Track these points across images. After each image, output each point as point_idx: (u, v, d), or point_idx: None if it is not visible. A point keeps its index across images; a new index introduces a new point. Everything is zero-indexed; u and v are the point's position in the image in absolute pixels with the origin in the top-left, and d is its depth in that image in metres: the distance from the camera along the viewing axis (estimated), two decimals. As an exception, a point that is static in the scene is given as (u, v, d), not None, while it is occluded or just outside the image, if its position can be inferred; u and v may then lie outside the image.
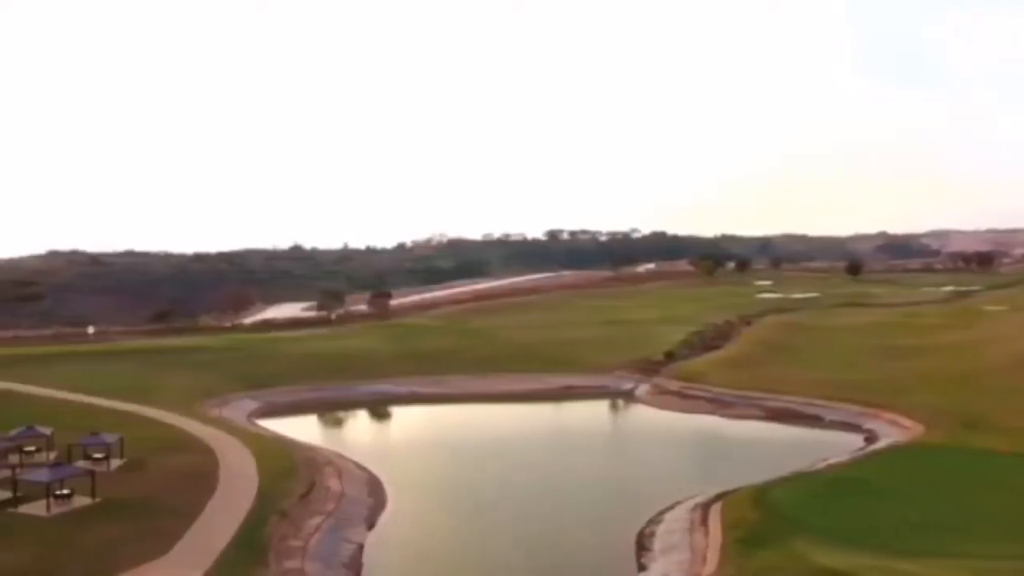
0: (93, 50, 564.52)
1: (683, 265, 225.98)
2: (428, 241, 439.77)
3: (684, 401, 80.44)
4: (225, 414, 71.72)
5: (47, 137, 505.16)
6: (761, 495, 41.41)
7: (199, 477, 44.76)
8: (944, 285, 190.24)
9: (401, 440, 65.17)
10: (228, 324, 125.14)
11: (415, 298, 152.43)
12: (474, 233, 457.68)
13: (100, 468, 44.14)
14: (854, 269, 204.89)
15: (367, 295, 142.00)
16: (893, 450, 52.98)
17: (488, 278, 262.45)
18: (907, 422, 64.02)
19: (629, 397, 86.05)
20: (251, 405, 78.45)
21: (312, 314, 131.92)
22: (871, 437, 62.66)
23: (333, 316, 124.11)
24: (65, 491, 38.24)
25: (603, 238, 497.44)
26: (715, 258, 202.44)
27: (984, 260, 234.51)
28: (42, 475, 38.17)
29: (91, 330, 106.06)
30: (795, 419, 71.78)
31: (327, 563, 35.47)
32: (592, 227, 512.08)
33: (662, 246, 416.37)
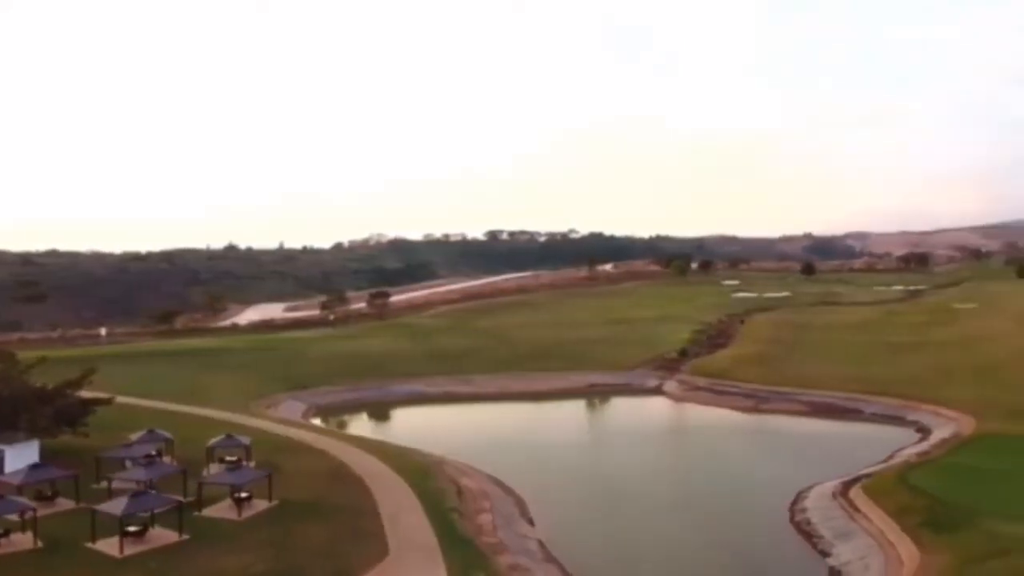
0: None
1: (640, 265, 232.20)
2: (367, 241, 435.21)
3: (719, 397, 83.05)
4: (282, 415, 70.81)
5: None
6: (900, 480, 44.09)
7: (341, 478, 44.51)
8: (893, 284, 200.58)
9: (480, 439, 65.23)
10: (229, 324, 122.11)
11: (403, 297, 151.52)
12: (413, 233, 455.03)
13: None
14: (809, 269, 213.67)
15: (364, 295, 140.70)
16: (973, 439, 56.31)
17: (446, 279, 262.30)
18: (951, 413, 67.96)
19: (657, 393, 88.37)
20: (299, 406, 77.52)
21: (308, 314, 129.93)
22: (923, 428, 66.31)
23: (331, 316, 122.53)
24: (245, 494, 37.63)
25: (542, 238, 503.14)
26: (683, 258, 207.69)
27: (921, 260, 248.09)
28: (225, 478, 37.55)
29: (103, 332, 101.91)
30: (836, 413, 74.96)
31: (531, 557, 36.15)
32: (530, 228, 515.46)
33: (600, 246, 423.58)
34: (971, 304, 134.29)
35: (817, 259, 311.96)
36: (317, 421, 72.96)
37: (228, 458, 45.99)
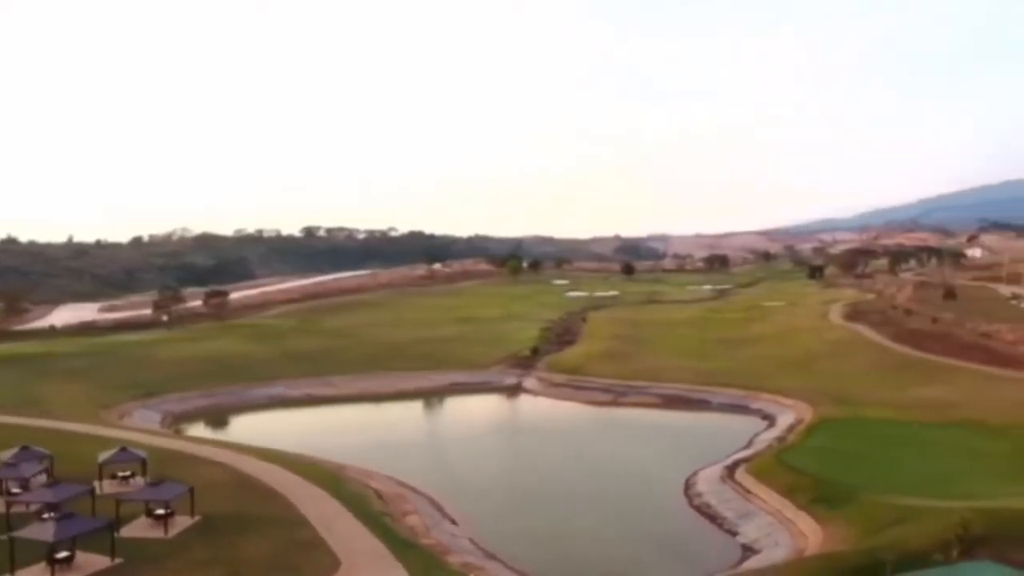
0: None
1: (470, 264, 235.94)
2: (170, 236, 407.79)
3: (579, 392, 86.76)
4: (138, 425, 65.81)
5: None
6: (779, 462, 48.95)
7: (252, 489, 42.51)
8: (702, 284, 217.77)
9: (364, 442, 63.86)
10: (47, 327, 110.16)
11: (236, 296, 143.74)
12: (223, 228, 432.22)
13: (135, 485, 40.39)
14: (628, 270, 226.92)
15: (199, 293, 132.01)
16: (818, 424, 62.83)
17: (271, 278, 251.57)
18: (788, 401, 75.64)
19: (518, 390, 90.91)
20: (153, 415, 72.23)
21: (135, 315, 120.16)
22: (767, 416, 73.20)
23: (165, 317, 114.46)
24: (165, 511, 35.03)
25: (361, 236, 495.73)
26: (517, 259, 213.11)
27: (723, 262, 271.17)
28: (147, 494, 34.72)
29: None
30: (688, 404, 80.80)
31: (475, 555, 36.66)
32: (349, 224, 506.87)
33: (423, 245, 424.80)
34: (778, 302, 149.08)
35: (627, 259, 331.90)
36: (195, 430, 68.48)
37: (120, 474, 42.46)
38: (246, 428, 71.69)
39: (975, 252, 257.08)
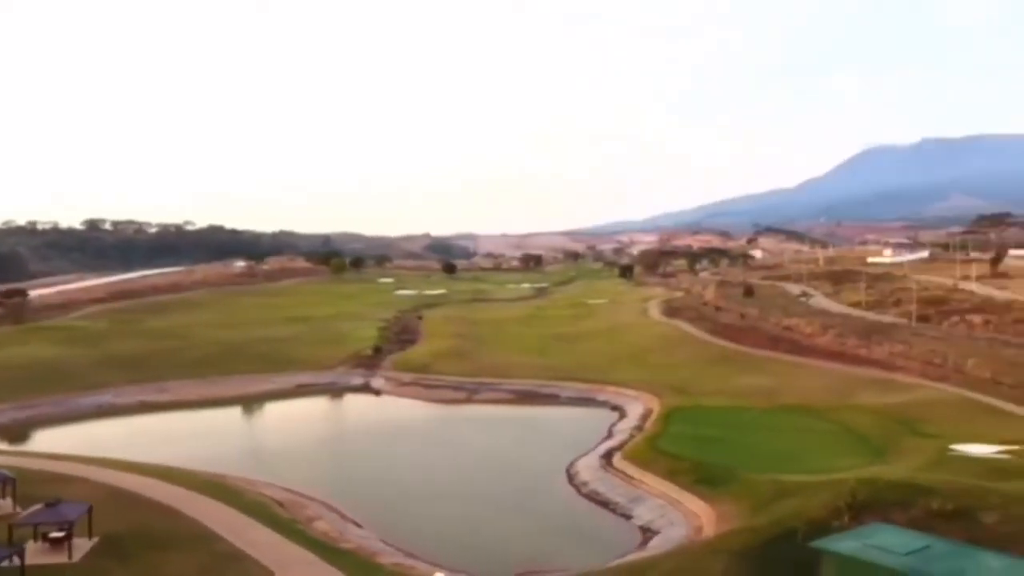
0: None
1: (285, 261, 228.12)
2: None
3: (431, 391, 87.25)
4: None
5: None
6: (652, 448, 52.72)
7: (140, 504, 39.38)
8: (521, 283, 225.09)
9: (225, 449, 60.38)
10: None
11: (32, 295, 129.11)
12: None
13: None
14: (450, 268, 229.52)
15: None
16: (670, 413, 67.59)
17: (64, 276, 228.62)
18: (632, 392, 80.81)
19: (366, 390, 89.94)
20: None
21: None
22: (617, 407, 77.71)
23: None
24: (64, 533, 31.76)
25: (153, 230, 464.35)
26: (340, 256, 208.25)
27: (537, 261, 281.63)
28: (44, 515, 31.18)
29: None
30: (539, 399, 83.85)
31: (395, 556, 36.57)
32: (139, 217, 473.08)
33: (224, 241, 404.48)
34: (600, 300, 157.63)
35: (439, 258, 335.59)
36: (25, 447, 61.37)
37: (-19, 496, 37.80)
38: (83, 441, 65.15)
39: (757, 253, 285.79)
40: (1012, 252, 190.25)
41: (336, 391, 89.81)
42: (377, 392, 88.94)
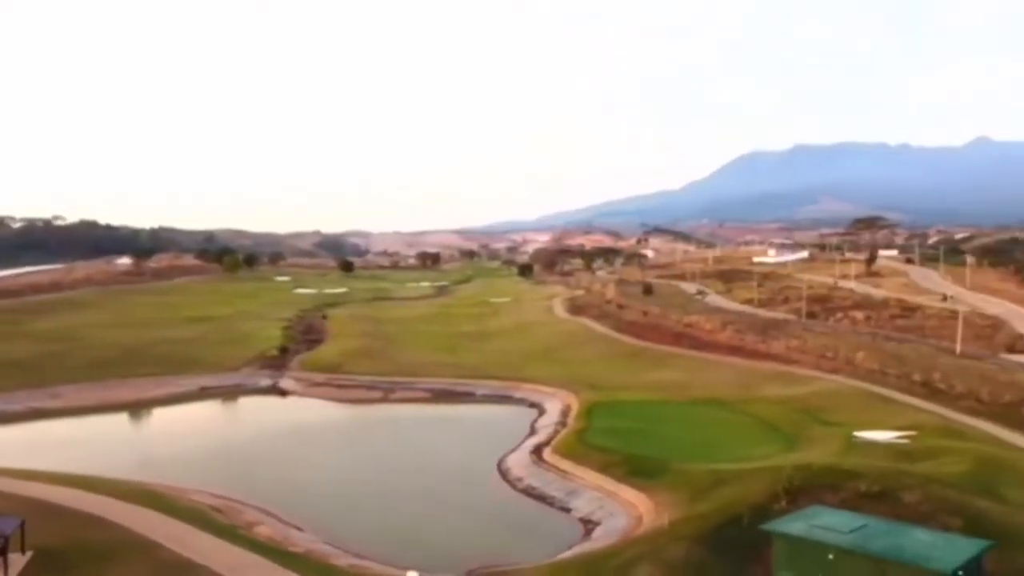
0: None
1: (172, 258, 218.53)
2: None
3: (345, 391, 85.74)
4: None
5: None
6: (581, 442, 54.00)
7: (65, 516, 36.98)
8: (420, 281, 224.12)
9: (138, 456, 57.43)
10: None
11: None
12: None
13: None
14: (347, 267, 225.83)
15: None
16: (590, 408, 68.98)
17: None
18: (548, 389, 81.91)
19: (275, 391, 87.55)
20: None
21: None
22: (535, 404, 78.62)
23: None
24: (-4, 548, 29.64)
25: (17, 224, 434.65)
26: (233, 254, 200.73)
27: (435, 259, 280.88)
28: (-28, 531, 28.95)
29: None
30: (454, 397, 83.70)
31: (345, 558, 36.11)
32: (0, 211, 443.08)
33: (96, 237, 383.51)
34: (504, 298, 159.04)
35: (330, 255, 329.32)
36: None
37: None
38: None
39: (649, 253, 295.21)
40: (882, 253, 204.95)
41: (243, 393, 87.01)
42: (287, 393, 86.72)
